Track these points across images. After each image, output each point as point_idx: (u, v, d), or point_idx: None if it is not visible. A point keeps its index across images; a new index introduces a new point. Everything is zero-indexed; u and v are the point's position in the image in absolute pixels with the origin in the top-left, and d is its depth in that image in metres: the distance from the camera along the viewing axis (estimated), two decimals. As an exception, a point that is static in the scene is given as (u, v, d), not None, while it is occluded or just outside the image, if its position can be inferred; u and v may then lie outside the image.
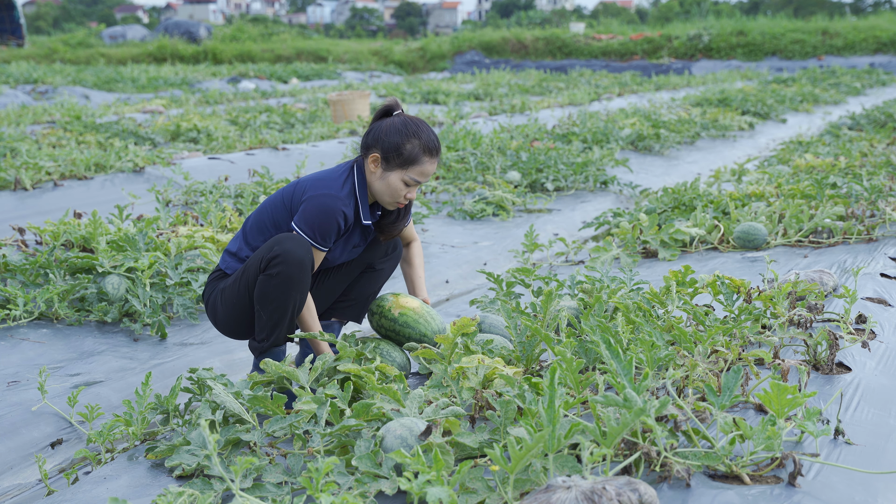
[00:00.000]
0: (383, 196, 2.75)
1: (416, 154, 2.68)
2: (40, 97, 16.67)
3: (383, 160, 2.70)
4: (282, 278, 2.57)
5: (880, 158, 6.59)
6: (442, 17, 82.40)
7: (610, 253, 4.23)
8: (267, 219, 2.77)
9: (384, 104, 2.79)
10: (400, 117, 2.73)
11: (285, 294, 2.59)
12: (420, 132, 2.70)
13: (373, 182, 2.74)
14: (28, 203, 5.70)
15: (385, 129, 2.70)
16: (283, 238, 2.60)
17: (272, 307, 2.61)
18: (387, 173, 2.70)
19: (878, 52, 26.24)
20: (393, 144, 2.67)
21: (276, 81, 22.48)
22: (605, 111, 11.67)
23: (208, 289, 2.84)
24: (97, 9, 72.98)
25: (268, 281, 2.58)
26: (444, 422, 2.07)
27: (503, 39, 31.97)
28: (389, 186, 2.72)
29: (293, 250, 2.56)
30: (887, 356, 2.64)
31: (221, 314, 2.78)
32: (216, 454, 1.80)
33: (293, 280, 2.58)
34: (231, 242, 2.86)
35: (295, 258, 2.56)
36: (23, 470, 2.59)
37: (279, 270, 2.56)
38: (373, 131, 2.73)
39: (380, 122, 2.75)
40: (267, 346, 2.69)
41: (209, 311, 2.83)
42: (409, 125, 2.70)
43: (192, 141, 9.05)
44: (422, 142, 2.69)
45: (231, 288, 2.72)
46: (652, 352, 2.18)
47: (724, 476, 1.83)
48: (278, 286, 2.58)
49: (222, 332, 2.85)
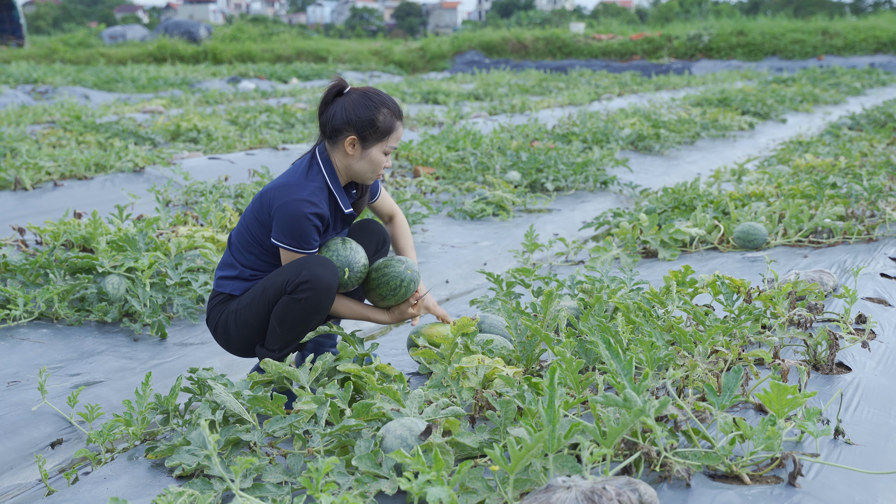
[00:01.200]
0: (365, 174, 2.70)
1: (389, 122, 2.65)
2: (40, 97, 16.67)
3: (361, 140, 2.64)
4: (309, 304, 2.53)
5: (880, 158, 6.59)
6: (442, 17, 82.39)
7: (610, 253, 4.23)
8: (248, 236, 2.71)
9: (332, 85, 2.69)
10: (355, 92, 2.66)
11: (308, 317, 2.57)
12: (384, 100, 2.66)
13: (352, 164, 2.68)
14: (28, 203, 5.70)
15: (350, 108, 2.63)
16: (311, 262, 2.55)
17: (291, 327, 2.59)
18: (367, 151, 2.66)
19: (878, 52, 26.24)
20: (366, 121, 2.62)
21: (276, 81, 22.47)
22: (605, 111, 11.67)
23: (215, 313, 2.75)
24: (97, 9, 72.97)
25: (293, 304, 2.54)
26: (444, 422, 2.07)
27: (503, 39, 31.96)
28: (372, 162, 2.67)
29: (322, 276, 2.52)
30: (887, 356, 2.64)
31: (236, 335, 2.70)
32: (216, 454, 1.80)
33: (319, 305, 2.55)
34: (222, 266, 2.77)
35: (324, 284, 2.53)
36: (23, 470, 2.59)
37: (307, 296, 2.52)
38: (337, 114, 2.65)
39: (336, 103, 2.66)
40: (277, 357, 2.65)
41: (219, 336, 2.74)
42: (372, 97, 2.65)
43: (192, 141, 9.05)
44: (390, 109, 2.66)
45: (249, 308, 2.64)
46: (652, 352, 2.18)
47: (724, 476, 1.83)
48: (303, 310, 2.55)
49: (236, 354, 2.78)
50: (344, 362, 2.52)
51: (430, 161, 7.16)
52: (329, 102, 2.69)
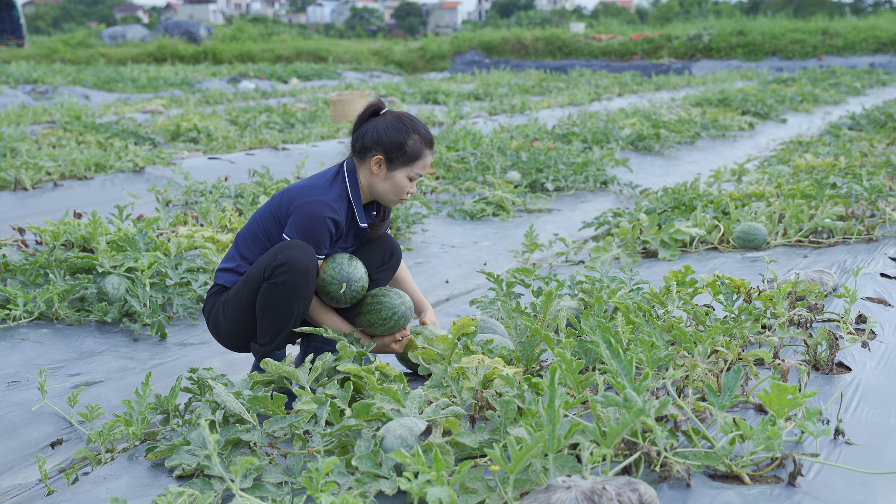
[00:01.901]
0: (388, 195, 2.75)
1: (418, 149, 2.69)
2: (40, 97, 16.68)
3: (387, 161, 2.69)
4: (287, 286, 2.56)
5: (880, 158, 6.59)
6: (442, 17, 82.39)
7: (610, 253, 4.23)
8: (259, 231, 2.75)
9: (370, 104, 2.77)
10: (391, 115, 2.72)
11: (289, 302, 2.59)
12: (417, 127, 2.71)
13: (376, 184, 2.73)
14: (28, 203, 5.70)
15: (382, 129, 2.69)
16: (286, 246, 2.58)
17: (275, 314, 2.61)
18: (392, 173, 2.71)
19: (878, 52, 26.24)
20: (395, 143, 2.67)
21: (276, 81, 22.48)
22: (605, 111, 11.67)
23: (208, 304, 2.81)
24: (97, 9, 72.97)
25: (272, 289, 2.57)
26: (444, 422, 2.07)
27: (503, 39, 31.97)
28: (395, 185, 2.72)
29: (298, 258, 2.55)
30: (887, 356, 2.64)
31: (224, 327, 2.75)
32: (216, 454, 1.80)
33: (298, 288, 2.57)
34: (224, 260, 2.83)
35: (300, 266, 2.55)
36: (23, 470, 2.59)
37: (284, 279, 2.54)
38: (368, 133, 2.71)
39: (369, 123, 2.73)
40: (269, 351, 2.69)
41: (211, 326, 2.80)
42: (406, 121, 2.70)
43: (192, 141, 9.05)
44: (421, 136, 2.70)
45: (234, 299, 2.69)
46: (652, 352, 2.18)
47: (724, 476, 1.83)
48: (283, 294, 2.57)
49: (225, 346, 2.82)
50: (344, 362, 2.52)
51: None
52: (364, 121, 2.75)
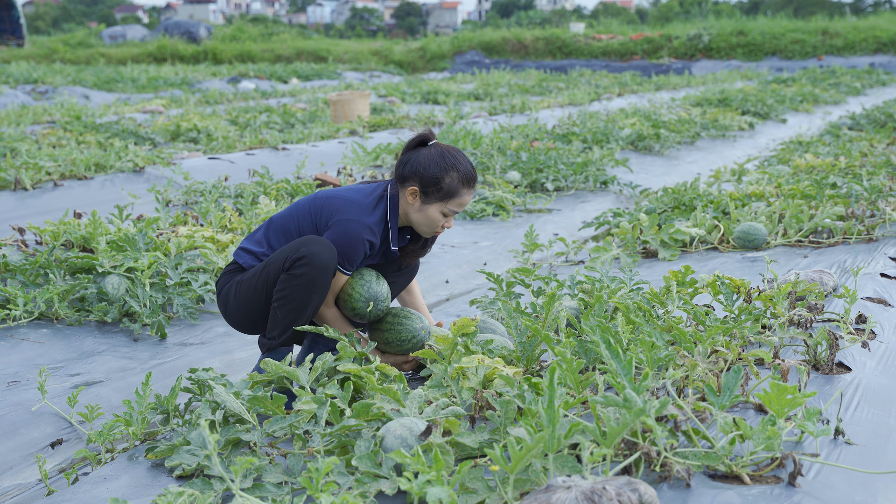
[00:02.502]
0: (421, 227, 2.76)
1: (455, 187, 2.68)
2: (40, 97, 16.68)
3: (422, 193, 2.69)
4: (305, 279, 2.58)
5: (880, 158, 6.59)
6: (442, 17, 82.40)
7: (610, 253, 4.23)
8: (293, 226, 2.77)
9: (419, 134, 2.75)
10: (436, 148, 2.71)
11: (306, 296, 2.61)
12: (458, 164, 2.68)
13: (410, 213, 2.74)
14: (28, 203, 5.70)
15: (423, 161, 2.68)
16: (310, 240, 2.60)
17: (290, 307, 2.63)
18: (426, 206, 2.71)
19: (878, 52, 26.24)
20: (432, 178, 2.66)
21: (276, 81, 22.48)
22: (605, 111, 11.67)
23: (223, 279, 2.84)
24: (97, 9, 72.96)
25: (290, 280, 2.59)
26: (444, 422, 2.07)
27: (503, 39, 31.96)
28: (428, 218, 2.72)
29: (319, 253, 2.57)
30: (887, 356, 2.64)
31: (233, 306, 2.78)
32: (216, 454, 1.80)
33: (316, 283, 2.59)
34: (249, 240, 2.84)
35: (320, 261, 2.57)
36: (23, 470, 2.59)
37: (304, 272, 2.57)
38: (410, 163, 2.70)
39: (414, 152, 2.72)
40: (276, 345, 2.71)
41: (220, 301, 2.83)
42: (447, 157, 2.68)
43: (192, 141, 9.05)
44: (460, 174, 2.68)
45: (248, 282, 2.72)
46: (652, 352, 2.18)
47: (724, 476, 1.83)
48: (300, 287, 2.59)
49: (230, 324, 2.86)
50: (344, 362, 2.52)
51: (430, 161, 7.16)
52: (411, 149, 2.75)
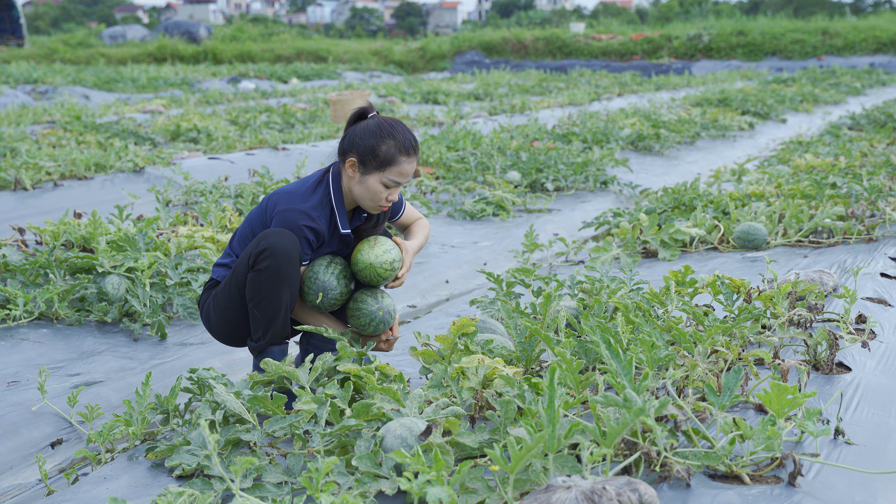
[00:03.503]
0: (364, 200, 2.72)
1: (392, 155, 2.65)
2: (40, 97, 16.67)
3: (360, 164, 2.67)
4: (271, 272, 2.56)
5: (880, 158, 6.59)
6: (442, 17, 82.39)
7: (610, 253, 4.23)
8: (249, 232, 2.77)
9: (359, 108, 2.75)
10: (374, 119, 2.70)
11: (276, 288, 2.59)
12: (395, 132, 2.67)
13: (352, 187, 2.71)
14: (28, 203, 5.70)
15: (359, 132, 2.67)
16: (268, 233, 2.60)
17: (264, 303, 2.61)
18: (365, 177, 2.68)
19: (878, 52, 26.24)
20: (368, 147, 2.65)
21: (276, 81, 22.47)
22: (605, 111, 11.67)
23: (202, 298, 2.84)
24: (97, 9, 72.95)
25: (257, 276, 2.58)
26: (444, 422, 2.07)
27: (503, 39, 31.96)
28: (369, 190, 2.68)
29: (279, 243, 2.56)
30: (887, 356, 2.64)
31: (215, 320, 2.77)
32: (216, 454, 1.80)
33: (282, 273, 2.57)
34: (222, 256, 2.87)
35: (282, 250, 2.56)
36: (23, 470, 2.59)
37: (267, 264, 2.55)
38: (348, 136, 2.70)
39: (354, 126, 2.72)
40: (264, 345, 2.68)
41: (204, 320, 2.82)
42: (384, 126, 2.67)
43: (192, 141, 9.05)
44: (397, 142, 2.66)
45: (223, 292, 2.72)
46: (652, 352, 2.18)
47: (724, 476, 1.83)
48: (268, 280, 2.57)
49: (218, 339, 2.84)
50: (344, 362, 2.52)
51: (430, 161, 7.17)
52: (351, 124, 2.74)
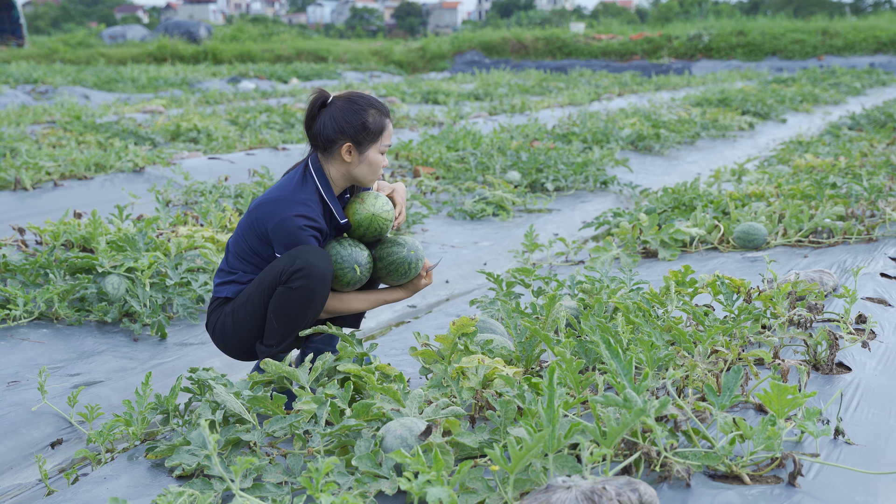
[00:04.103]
0: (366, 176, 2.71)
1: (379, 122, 2.67)
2: (40, 97, 16.67)
3: (356, 144, 2.65)
4: (303, 292, 2.53)
5: (880, 158, 6.59)
6: (442, 17, 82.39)
7: (610, 253, 4.23)
8: (245, 247, 2.70)
9: (314, 97, 2.69)
10: (340, 100, 2.67)
11: (304, 308, 2.56)
12: (369, 101, 2.68)
13: (351, 171, 2.69)
14: (28, 203, 5.70)
15: (339, 116, 2.64)
16: (306, 250, 2.55)
17: (287, 319, 2.58)
18: (364, 154, 2.67)
19: (878, 52, 26.23)
20: (358, 125, 2.64)
21: (276, 81, 22.46)
22: (605, 111, 11.67)
23: (212, 318, 2.75)
24: (97, 9, 72.94)
25: (288, 293, 2.54)
26: (444, 422, 2.07)
27: (503, 39, 31.96)
28: (371, 165, 2.69)
29: (316, 264, 2.52)
30: (887, 356, 2.64)
31: (233, 336, 2.69)
32: (216, 454, 1.80)
33: (314, 294, 2.54)
34: (219, 274, 2.78)
35: (318, 272, 2.52)
36: (23, 470, 2.59)
37: (301, 284, 2.52)
38: (327, 125, 2.65)
39: (324, 114, 2.67)
40: (275, 353, 2.65)
41: (217, 340, 2.75)
42: (358, 100, 2.66)
43: (192, 141, 9.04)
44: (376, 108, 2.68)
45: (244, 305, 2.64)
46: (652, 352, 2.18)
47: (724, 476, 1.83)
48: (298, 299, 2.54)
49: (234, 357, 2.77)
50: (344, 362, 2.52)
51: (430, 161, 7.17)
52: (315, 115, 2.69)
